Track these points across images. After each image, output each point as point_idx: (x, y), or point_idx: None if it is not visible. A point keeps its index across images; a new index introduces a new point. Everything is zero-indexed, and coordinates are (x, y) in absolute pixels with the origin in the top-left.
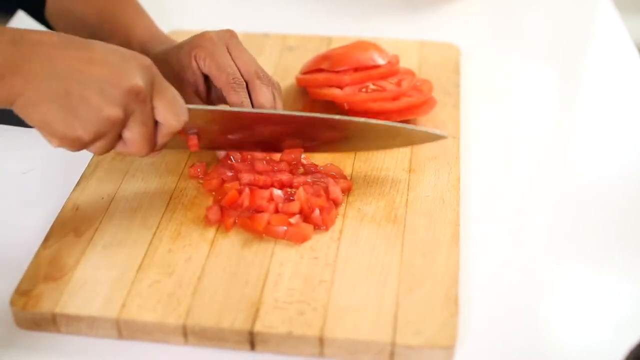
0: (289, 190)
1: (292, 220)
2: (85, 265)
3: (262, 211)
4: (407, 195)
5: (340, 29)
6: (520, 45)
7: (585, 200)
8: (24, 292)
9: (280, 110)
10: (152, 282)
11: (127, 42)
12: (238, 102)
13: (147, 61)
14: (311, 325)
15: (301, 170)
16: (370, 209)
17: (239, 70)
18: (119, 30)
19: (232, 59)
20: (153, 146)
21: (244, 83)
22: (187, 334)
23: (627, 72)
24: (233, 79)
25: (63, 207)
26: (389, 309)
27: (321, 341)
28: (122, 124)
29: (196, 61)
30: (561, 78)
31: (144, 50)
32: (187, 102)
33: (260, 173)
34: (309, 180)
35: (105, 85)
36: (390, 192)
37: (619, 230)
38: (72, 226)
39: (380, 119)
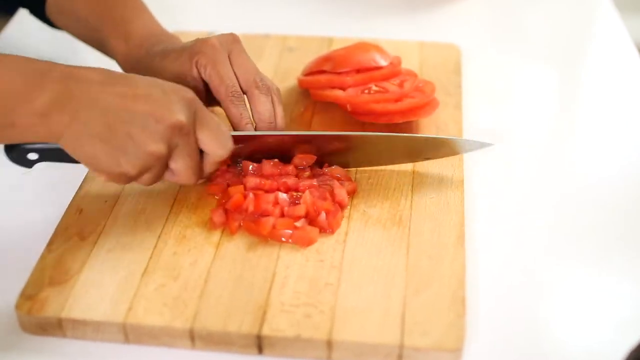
0: (294, 193)
1: (298, 223)
2: (90, 269)
3: (267, 215)
4: (412, 197)
5: (341, 29)
6: (520, 46)
7: (589, 201)
8: (29, 297)
9: (321, 132)
10: (158, 285)
11: (126, 39)
12: (237, 115)
13: (190, 94)
14: (319, 328)
15: (307, 173)
16: (375, 212)
17: (238, 80)
18: (118, 27)
19: (232, 67)
20: (200, 174)
21: (243, 95)
22: (194, 337)
23: (627, 72)
24: (232, 92)
25: (66, 210)
26: (396, 311)
27: (329, 344)
28: (167, 157)
29: (197, 68)
30: (561, 78)
31: (144, 47)
32: None
33: (266, 177)
34: (314, 183)
35: (148, 121)
36: (394, 194)
37: (619, 231)
38: (76, 230)
39: (383, 121)
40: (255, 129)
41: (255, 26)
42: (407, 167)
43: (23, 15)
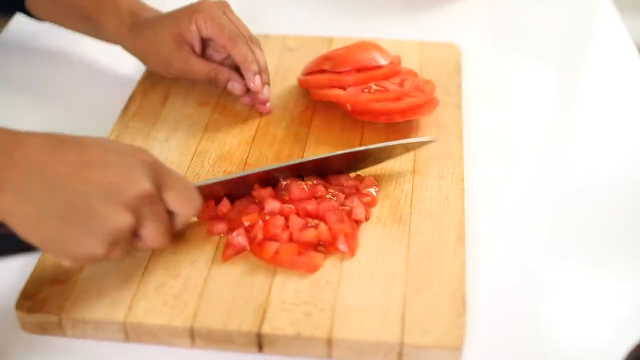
0: (310, 220)
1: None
2: (91, 268)
3: (275, 240)
4: (412, 195)
5: (341, 29)
6: (520, 46)
7: (589, 201)
8: (29, 296)
9: (281, 164)
10: (158, 284)
11: (116, 12)
12: (243, 54)
13: (148, 156)
14: (319, 327)
15: (330, 194)
16: (375, 210)
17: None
18: (105, 4)
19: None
20: (172, 236)
21: (244, 38)
22: (195, 336)
23: (627, 72)
24: (235, 34)
25: None
26: (396, 309)
27: (329, 342)
28: (135, 227)
29: (196, 24)
30: (561, 78)
31: (134, 15)
32: (185, 61)
33: (287, 202)
34: (334, 204)
35: (110, 192)
36: (394, 193)
37: (619, 231)
38: None
39: (383, 120)
40: (243, 71)
41: (255, 26)
42: (408, 165)
43: (22, 16)
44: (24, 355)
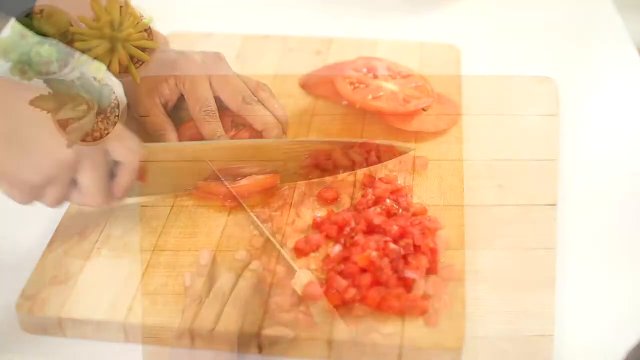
0: (402, 242)
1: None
2: (91, 268)
3: (382, 284)
4: (412, 195)
5: (341, 29)
6: (520, 46)
7: (589, 200)
8: (29, 296)
9: (231, 140)
10: (158, 285)
11: None
12: (210, 131)
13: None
14: (319, 328)
15: (396, 208)
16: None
17: (227, 102)
18: None
19: (218, 91)
20: (107, 194)
21: (216, 112)
22: (195, 337)
23: (627, 72)
24: (205, 111)
25: (67, 210)
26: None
27: (329, 343)
28: (74, 168)
29: (175, 80)
30: (561, 78)
31: None
32: (147, 111)
33: (368, 232)
34: (407, 215)
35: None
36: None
37: (619, 230)
38: (76, 229)
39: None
40: (265, 137)
41: (256, 27)
42: (408, 165)
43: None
44: (24, 355)
